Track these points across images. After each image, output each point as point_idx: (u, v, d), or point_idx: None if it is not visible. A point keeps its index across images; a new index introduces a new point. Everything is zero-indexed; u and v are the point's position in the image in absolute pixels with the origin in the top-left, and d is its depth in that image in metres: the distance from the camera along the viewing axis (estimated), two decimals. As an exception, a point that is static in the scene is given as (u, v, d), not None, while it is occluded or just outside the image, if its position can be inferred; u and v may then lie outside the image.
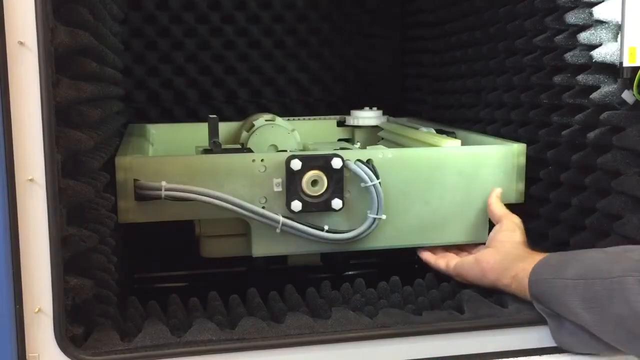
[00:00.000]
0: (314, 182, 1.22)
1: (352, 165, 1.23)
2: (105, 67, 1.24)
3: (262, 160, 1.22)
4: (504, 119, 1.51)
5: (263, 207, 1.22)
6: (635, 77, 1.08)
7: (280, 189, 1.22)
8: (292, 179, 1.21)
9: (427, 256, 1.34)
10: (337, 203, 1.22)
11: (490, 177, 1.32)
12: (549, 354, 1.07)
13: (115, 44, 1.44)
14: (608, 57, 1.14)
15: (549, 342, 1.07)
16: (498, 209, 1.29)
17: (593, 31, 1.17)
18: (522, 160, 1.34)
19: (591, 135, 1.20)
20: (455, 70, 1.75)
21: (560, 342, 1.05)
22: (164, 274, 1.63)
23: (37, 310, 0.93)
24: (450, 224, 1.31)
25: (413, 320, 1.07)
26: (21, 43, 0.88)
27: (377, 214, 1.23)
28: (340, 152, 1.24)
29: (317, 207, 1.23)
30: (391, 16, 2.18)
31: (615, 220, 1.14)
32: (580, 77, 1.20)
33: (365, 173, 1.23)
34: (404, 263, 1.50)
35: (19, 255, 0.91)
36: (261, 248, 1.25)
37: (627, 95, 1.12)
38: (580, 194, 1.24)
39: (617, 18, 1.11)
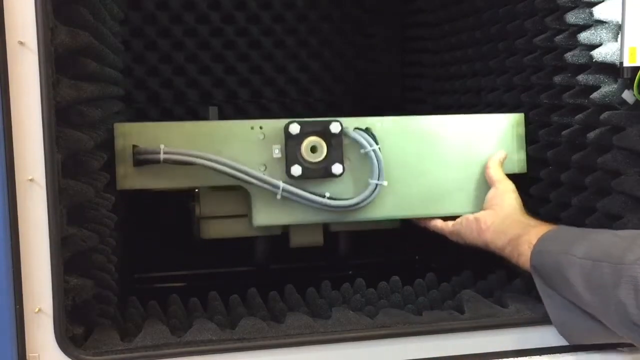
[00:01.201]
0: (313, 149, 1.21)
1: (351, 132, 1.23)
2: (105, 67, 1.24)
3: (260, 127, 1.22)
4: (504, 119, 1.50)
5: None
6: (635, 77, 1.08)
7: (279, 155, 1.21)
8: (291, 145, 1.20)
9: (424, 221, 1.33)
10: (337, 168, 1.21)
11: (489, 147, 1.31)
12: (549, 354, 1.07)
13: (115, 44, 1.44)
14: (608, 57, 1.14)
15: (549, 342, 1.07)
16: (495, 172, 1.28)
17: (593, 31, 1.17)
18: (521, 129, 1.34)
19: (591, 135, 1.20)
20: (455, 70, 1.75)
21: (554, 317, 1.05)
22: (164, 274, 1.63)
23: (37, 310, 0.93)
24: (452, 194, 1.30)
25: (413, 320, 1.08)
26: (21, 43, 0.88)
27: (378, 180, 1.23)
28: (338, 119, 1.23)
29: (318, 172, 1.21)
30: (391, 16, 2.18)
31: (616, 220, 1.14)
32: (580, 77, 1.20)
33: (364, 139, 1.22)
34: (404, 263, 1.50)
35: (19, 255, 0.91)
36: (262, 217, 1.23)
37: (628, 95, 1.12)
38: (580, 194, 1.24)
39: (617, 18, 1.11)
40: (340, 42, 2.17)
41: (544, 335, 1.07)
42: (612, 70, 1.15)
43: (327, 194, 1.22)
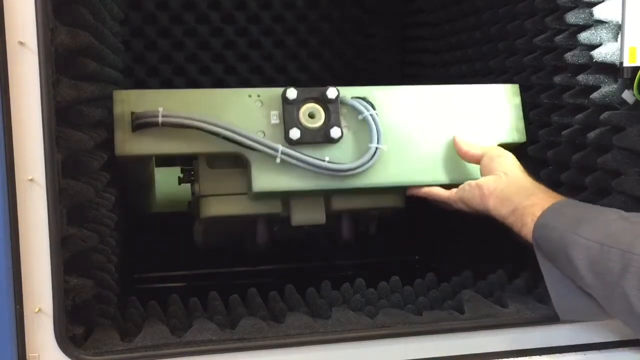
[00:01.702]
0: (311, 115, 1.21)
1: (348, 99, 1.23)
2: (105, 67, 1.24)
3: (258, 95, 1.22)
4: (504, 119, 1.50)
5: None
6: (635, 77, 1.08)
7: (277, 121, 1.21)
8: (289, 110, 1.20)
9: (424, 189, 1.29)
10: (335, 131, 1.20)
11: (486, 116, 1.32)
12: (549, 354, 1.07)
13: (115, 44, 1.44)
14: (608, 57, 1.14)
15: (549, 342, 1.07)
16: (472, 146, 1.26)
17: (593, 31, 1.17)
18: (518, 99, 1.35)
19: (591, 135, 1.20)
20: (455, 70, 1.75)
21: (553, 291, 1.03)
22: (164, 274, 1.63)
23: (37, 310, 0.93)
24: (452, 162, 1.29)
25: (413, 320, 1.07)
26: (21, 43, 0.88)
27: (377, 144, 1.22)
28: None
29: (316, 137, 1.21)
30: (391, 16, 2.18)
31: (616, 220, 1.14)
32: (580, 77, 1.20)
33: (361, 104, 1.23)
34: (404, 263, 1.50)
35: (19, 255, 0.91)
36: (262, 182, 1.21)
37: (627, 95, 1.12)
38: (580, 194, 1.24)
39: (617, 18, 1.11)
40: (340, 42, 2.17)
41: (544, 335, 1.07)
42: (612, 70, 1.15)
43: (327, 158, 1.21)
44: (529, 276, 1.28)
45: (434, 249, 1.70)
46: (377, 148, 1.22)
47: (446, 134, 1.30)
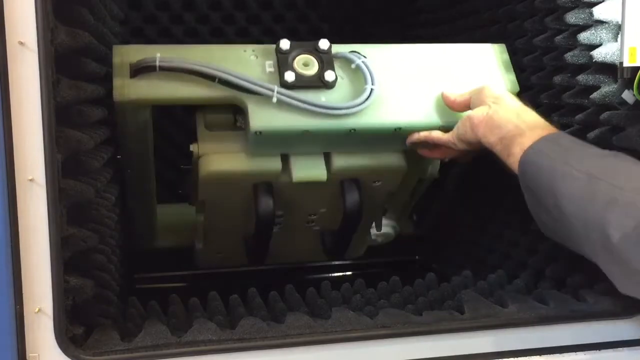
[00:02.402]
0: (305, 64, 1.23)
1: (341, 52, 1.26)
2: (105, 67, 1.24)
3: (253, 50, 1.24)
4: (504, 119, 1.50)
5: None
6: (635, 77, 1.08)
7: (272, 69, 1.23)
8: (284, 60, 1.23)
9: (423, 133, 1.27)
10: (330, 74, 1.22)
11: (477, 69, 1.32)
12: (549, 354, 1.07)
13: (115, 44, 1.44)
14: (608, 57, 1.14)
15: (549, 342, 1.07)
16: (459, 95, 1.24)
17: (593, 31, 1.17)
18: (506, 56, 1.36)
19: (591, 135, 1.20)
20: (455, 70, 1.75)
21: (538, 218, 1.03)
22: (164, 274, 1.63)
23: (37, 310, 0.93)
24: (445, 107, 1.28)
25: (413, 320, 1.08)
26: (21, 43, 0.88)
27: (372, 85, 1.23)
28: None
29: (311, 81, 1.22)
30: (391, 16, 2.18)
31: (616, 220, 1.13)
32: (580, 77, 1.20)
33: (354, 55, 1.25)
34: (404, 263, 1.50)
35: (19, 255, 0.91)
36: (259, 120, 1.20)
37: (627, 95, 1.12)
38: (580, 194, 1.24)
39: (617, 18, 1.11)
40: (340, 43, 2.16)
41: (544, 335, 1.07)
42: (612, 70, 1.15)
43: (323, 98, 1.22)
44: (529, 276, 1.28)
45: (434, 249, 1.70)
46: (372, 89, 1.23)
47: (439, 83, 1.29)
